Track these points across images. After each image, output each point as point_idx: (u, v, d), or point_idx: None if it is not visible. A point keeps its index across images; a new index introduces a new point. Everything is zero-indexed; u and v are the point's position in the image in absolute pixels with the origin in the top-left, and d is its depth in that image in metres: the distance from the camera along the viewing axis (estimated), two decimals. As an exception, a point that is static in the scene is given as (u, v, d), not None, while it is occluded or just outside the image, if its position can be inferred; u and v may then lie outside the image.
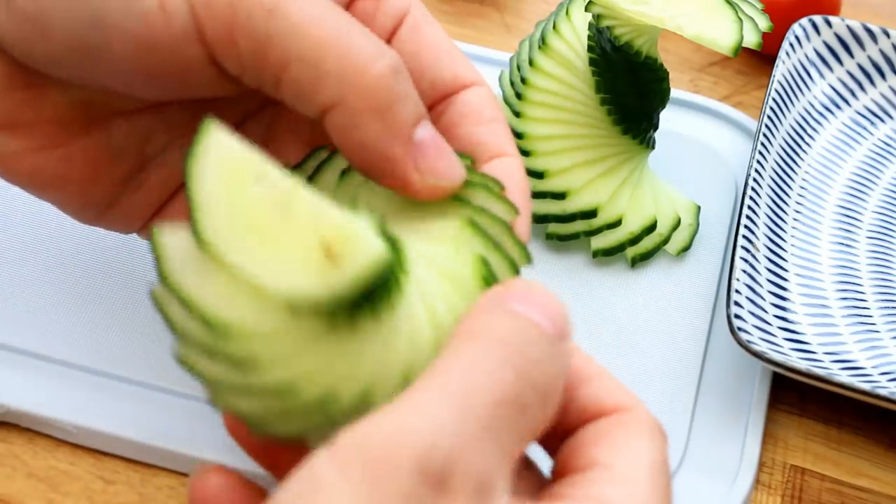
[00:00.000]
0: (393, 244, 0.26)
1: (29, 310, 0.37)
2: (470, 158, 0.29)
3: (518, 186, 0.30)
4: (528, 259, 0.27)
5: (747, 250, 0.39)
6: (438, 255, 0.27)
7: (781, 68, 0.45)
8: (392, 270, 0.25)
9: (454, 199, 0.28)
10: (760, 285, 0.39)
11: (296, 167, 0.29)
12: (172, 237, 0.25)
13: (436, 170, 0.29)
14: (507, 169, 0.30)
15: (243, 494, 0.26)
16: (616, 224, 0.40)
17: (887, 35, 0.46)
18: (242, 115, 0.34)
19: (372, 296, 0.25)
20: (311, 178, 0.29)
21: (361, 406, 0.25)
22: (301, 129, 0.34)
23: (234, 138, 0.25)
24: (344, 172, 0.29)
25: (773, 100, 0.43)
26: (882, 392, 0.35)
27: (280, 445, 0.28)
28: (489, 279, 0.26)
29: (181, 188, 0.33)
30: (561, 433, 0.26)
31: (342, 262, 0.24)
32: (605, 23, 0.37)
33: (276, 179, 0.24)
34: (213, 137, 0.25)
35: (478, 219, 0.28)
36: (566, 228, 0.40)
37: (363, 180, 0.28)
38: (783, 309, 0.39)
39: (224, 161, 0.24)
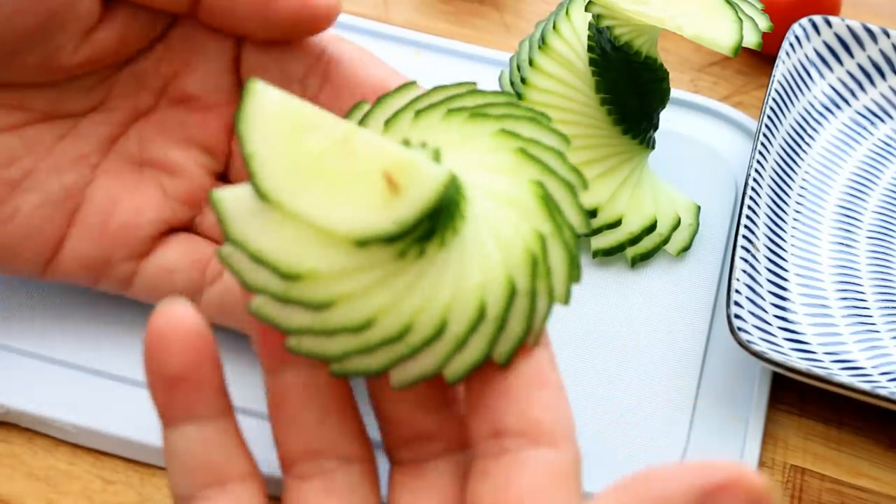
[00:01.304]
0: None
1: (29, 310, 0.37)
2: (475, 83, 0.29)
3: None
4: (585, 184, 0.27)
5: (747, 250, 0.39)
6: (494, 184, 0.27)
7: (781, 68, 0.45)
8: (454, 193, 0.25)
9: (502, 132, 0.28)
10: (760, 285, 0.39)
11: None
12: (231, 195, 0.25)
13: None
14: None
15: (203, 338, 0.25)
16: (616, 224, 0.40)
17: (887, 35, 0.46)
18: (111, 133, 0.34)
19: (437, 222, 0.25)
20: None
21: (441, 333, 0.25)
22: (174, 131, 0.34)
23: (281, 92, 0.25)
24: (387, 122, 0.29)
25: (773, 100, 0.43)
26: (882, 392, 0.35)
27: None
28: (548, 200, 0.26)
29: (75, 215, 0.33)
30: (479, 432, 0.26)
31: (405, 191, 0.24)
32: (605, 23, 0.37)
33: (330, 124, 0.25)
34: (259, 93, 0.25)
35: (528, 147, 0.27)
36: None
37: (409, 126, 0.28)
38: (783, 309, 0.39)
39: (274, 113, 0.25)
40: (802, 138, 0.45)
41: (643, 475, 0.23)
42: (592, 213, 0.40)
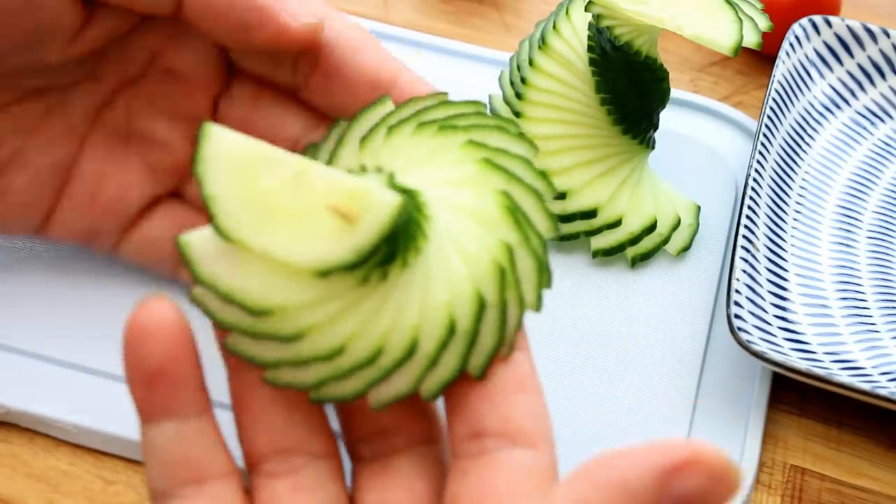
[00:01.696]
0: (408, 193, 0.27)
1: (29, 309, 0.37)
2: (446, 94, 0.30)
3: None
4: (553, 190, 0.27)
5: (747, 250, 0.39)
6: (459, 198, 0.27)
7: (781, 68, 0.45)
8: (409, 215, 0.26)
9: (469, 143, 0.28)
10: (760, 285, 0.39)
11: (317, 144, 0.30)
12: (197, 238, 0.26)
13: (301, 12, 0.30)
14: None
15: (184, 335, 0.25)
16: (616, 224, 0.40)
17: (887, 35, 0.46)
18: (98, 104, 0.34)
19: (396, 245, 0.26)
20: (335, 150, 0.30)
21: (412, 353, 0.26)
22: (160, 103, 0.34)
23: (235, 133, 0.26)
24: (363, 139, 0.29)
25: (773, 100, 0.43)
26: (882, 392, 0.35)
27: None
28: (514, 209, 0.27)
29: (64, 189, 0.34)
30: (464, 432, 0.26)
31: (360, 220, 0.25)
32: (605, 23, 0.37)
33: (284, 162, 0.26)
34: (214, 136, 0.26)
35: (494, 157, 0.28)
36: (566, 228, 0.40)
37: (382, 142, 0.29)
38: (783, 309, 0.39)
39: (231, 155, 0.26)
40: (802, 138, 0.45)
41: (601, 461, 0.23)
42: (592, 213, 0.40)
